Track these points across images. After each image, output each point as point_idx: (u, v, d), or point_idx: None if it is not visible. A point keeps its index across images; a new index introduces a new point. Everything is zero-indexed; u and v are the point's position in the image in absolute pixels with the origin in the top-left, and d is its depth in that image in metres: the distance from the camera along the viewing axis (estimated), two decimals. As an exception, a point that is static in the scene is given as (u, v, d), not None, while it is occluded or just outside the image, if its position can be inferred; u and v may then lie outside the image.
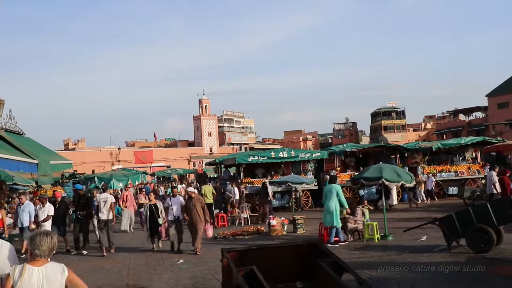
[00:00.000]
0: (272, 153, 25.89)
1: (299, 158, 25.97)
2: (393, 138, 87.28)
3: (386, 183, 12.99)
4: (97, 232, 15.16)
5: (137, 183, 27.15)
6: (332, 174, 25.67)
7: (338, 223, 13.26)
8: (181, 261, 12.22)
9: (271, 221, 16.40)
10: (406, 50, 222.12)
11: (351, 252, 12.07)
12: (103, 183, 23.84)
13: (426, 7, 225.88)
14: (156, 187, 28.74)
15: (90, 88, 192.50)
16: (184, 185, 18.98)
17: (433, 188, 25.23)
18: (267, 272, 5.94)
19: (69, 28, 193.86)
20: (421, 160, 27.73)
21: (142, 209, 17.86)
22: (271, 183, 21.36)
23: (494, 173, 17.42)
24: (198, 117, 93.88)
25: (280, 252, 6.45)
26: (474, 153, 29.83)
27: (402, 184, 13.16)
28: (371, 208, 15.19)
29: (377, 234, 13.51)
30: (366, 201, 15.81)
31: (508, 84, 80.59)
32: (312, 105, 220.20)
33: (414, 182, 13.65)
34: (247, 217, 20.38)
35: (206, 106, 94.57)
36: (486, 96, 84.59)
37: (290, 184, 19.29)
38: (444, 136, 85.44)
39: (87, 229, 15.21)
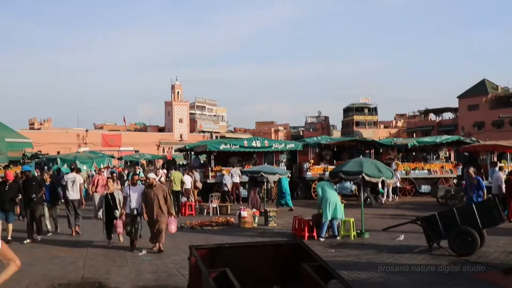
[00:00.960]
0: (245, 142, 25.07)
1: (273, 148, 25.23)
2: (365, 134, 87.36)
3: (367, 178, 12.31)
4: (47, 215, 14.32)
5: (102, 166, 25.92)
6: (306, 166, 25.18)
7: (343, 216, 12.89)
8: (143, 252, 11.30)
9: (241, 212, 15.59)
10: (381, 50, 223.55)
11: (326, 249, 11.36)
12: (72, 163, 22.66)
13: (404, 8, 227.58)
14: (122, 171, 27.58)
15: (60, 69, 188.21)
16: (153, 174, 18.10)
17: (397, 185, 24.72)
18: (242, 275, 5.13)
19: (41, 8, 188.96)
20: (396, 156, 27.33)
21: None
22: (243, 172, 20.53)
23: (501, 173, 16.88)
24: (170, 103, 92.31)
25: (257, 252, 5.64)
26: (447, 153, 29.62)
27: (382, 180, 12.49)
28: (345, 202, 14.46)
29: (353, 231, 12.84)
30: (341, 196, 15.07)
31: (479, 87, 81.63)
32: (284, 97, 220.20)
33: (395, 179, 13.01)
34: (216, 207, 19.50)
35: (178, 92, 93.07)
36: (457, 97, 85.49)
37: (263, 174, 18.50)
38: (414, 134, 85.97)
39: (39, 215, 13.64)
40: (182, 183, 19.85)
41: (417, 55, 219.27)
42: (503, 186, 15.54)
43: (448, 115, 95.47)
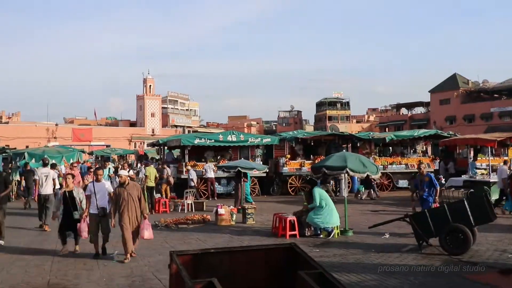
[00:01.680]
0: (220, 136, 24.33)
1: (249, 143, 24.57)
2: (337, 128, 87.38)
3: (351, 173, 11.78)
4: None
5: (72, 161, 24.87)
6: (282, 161, 24.59)
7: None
8: (116, 252, 10.48)
9: (218, 209, 14.90)
10: (353, 45, 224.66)
11: (310, 249, 10.76)
12: (45, 156, 21.60)
13: (373, 5, 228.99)
14: (93, 166, 26.53)
15: (29, 62, 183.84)
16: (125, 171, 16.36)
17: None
18: (231, 285, 4.48)
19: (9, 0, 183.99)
20: (373, 151, 26.97)
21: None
22: (219, 167, 19.79)
23: (505, 167, 16.51)
24: (142, 97, 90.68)
25: (247, 257, 4.98)
26: (424, 147, 29.43)
27: (367, 175, 11.94)
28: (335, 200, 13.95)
29: (336, 229, 12.29)
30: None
31: (450, 81, 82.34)
32: (257, 92, 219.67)
33: (379, 174, 12.49)
34: (191, 204, 18.76)
35: (150, 85, 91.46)
36: (429, 92, 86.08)
37: (240, 169, 17.82)
38: (387, 129, 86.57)
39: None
40: (156, 178, 19.06)
41: (388, 50, 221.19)
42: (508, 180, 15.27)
43: (420, 110, 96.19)
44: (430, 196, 12.51)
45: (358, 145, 26.97)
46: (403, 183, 26.34)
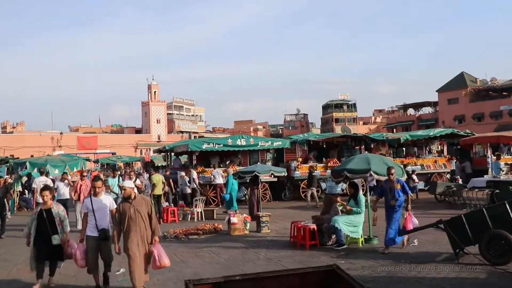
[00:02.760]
0: (229, 140, 23.40)
1: (259, 146, 23.62)
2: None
3: (376, 176, 10.80)
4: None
5: (75, 170, 24.07)
6: (294, 165, 23.66)
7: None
8: (121, 270, 9.53)
9: (231, 218, 13.98)
10: (356, 46, 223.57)
11: (334, 260, 9.81)
12: (41, 166, 20.91)
13: (377, 5, 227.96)
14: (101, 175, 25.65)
15: (33, 71, 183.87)
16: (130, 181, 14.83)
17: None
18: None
19: (13, 7, 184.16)
20: (387, 152, 26.00)
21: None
22: (235, 174, 18.79)
23: None
24: (147, 103, 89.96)
25: (279, 284, 4.05)
26: (439, 146, 28.45)
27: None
28: (345, 204, 12.96)
29: (361, 237, 11.33)
30: (339, 197, 13.51)
31: (457, 80, 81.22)
32: (262, 95, 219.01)
33: (405, 176, 11.52)
34: (201, 212, 17.84)
35: (155, 92, 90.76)
36: (436, 91, 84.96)
37: (257, 173, 16.90)
38: (394, 130, 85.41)
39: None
40: (164, 185, 18.19)
41: (392, 51, 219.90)
42: None
43: (427, 110, 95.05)
44: (398, 206, 10.54)
45: (372, 146, 25.97)
46: (419, 185, 25.30)
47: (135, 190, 9.24)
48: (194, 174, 20.97)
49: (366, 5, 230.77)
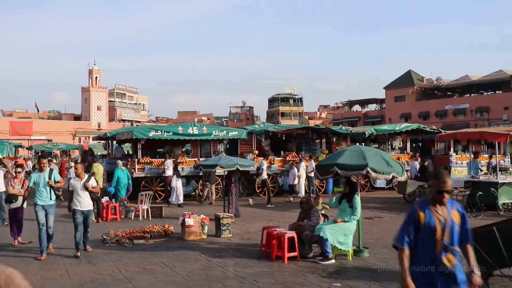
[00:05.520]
0: (180, 128, 20.85)
1: (212, 136, 21.22)
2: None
3: (373, 174, 8.76)
4: None
5: (0, 156, 20.96)
6: (249, 158, 21.45)
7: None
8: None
9: (186, 219, 11.60)
10: (303, 44, 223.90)
11: (325, 280, 7.68)
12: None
13: (325, 4, 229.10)
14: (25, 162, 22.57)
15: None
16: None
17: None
18: None
19: None
20: (349, 147, 24.21)
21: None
22: (201, 166, 16.37)
23: None
24: (87, 89, 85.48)
25: None
26: (401, 143, 27.03)
27: (393, 177, 8.95)
28: (327, 207, 10.90)
29: (351, 248, 9.24)
30: (320, 198, 11.41)
31: (405, 78, 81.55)
32: (207, 88, 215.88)
33: (405, 176, 9.54)
34: (147, 209, 15.35)
35: (96, 77, 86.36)
36: (384, 88, 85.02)
37: (239, 167, 14.68)
38: (341, 125, 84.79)
39: None
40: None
41: (338, 48, 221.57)
42: None
43: (373, 107, 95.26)
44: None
45: (334, 140, 24.15)
46: (380, 183, 23.73)
47: None
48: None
49: (315, 2, 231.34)
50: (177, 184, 18.24)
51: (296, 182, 19.92)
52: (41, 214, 9.56)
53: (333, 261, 8.82)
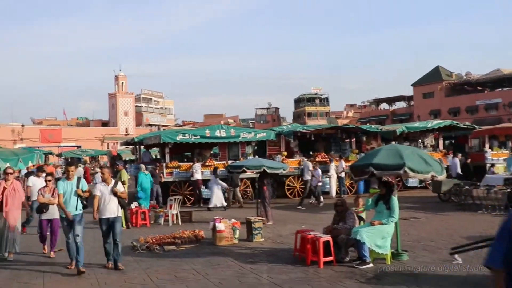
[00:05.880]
0: (207, 131, 20.66)
1: (240, 138, 20.96)
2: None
3: (411, 174, 8.35)
4: None
5: (30, 164, 21.03)
6: (278, 160, 21.12)
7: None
8: None
9: (216, 224, 11.35)
10: (328, 41, 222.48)
11: (364, 287, 7.31)
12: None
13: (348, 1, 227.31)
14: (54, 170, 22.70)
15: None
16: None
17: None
18: None
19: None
20: (379, 145, 23.65)
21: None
22: (232, 167, 16.09)
23: None
24: (114, 95, 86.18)
25: None
26: (434, 140, 26.36)
27: (432, 176, 8.52)
28: (359, 209, 10.47)
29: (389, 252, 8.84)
30: (360, 199, 10.88)
31: (433, 74, 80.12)
32: (232, 91, 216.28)
33: (445, 174, 9.08)
34: (177, 214, 15.15)
35: (122, 83, 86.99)
36: (411, 85, 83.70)
37: (266, 169, 14.41)
38: (368, 124, 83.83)
39: None
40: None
41: (363, 45, 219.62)
42: None
43: (401, 104, 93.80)
44: None
45: (364, 139, 23.64)
46: (413, 181, 23.10)
47: None
48: None
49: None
50: (216, 187, 18.06)
51: (319, 183, 19.51)
52: (67, 226, 9.07)
53: (371, 265, 8.43)
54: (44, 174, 12.14)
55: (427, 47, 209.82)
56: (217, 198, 17.82)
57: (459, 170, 21.51)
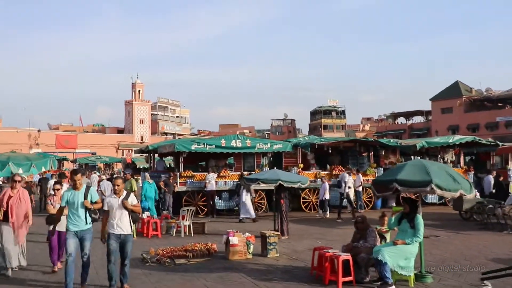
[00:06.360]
0: (223, 140, 20.24)
1: (256, 149, 20.53)
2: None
3: (439, 191, 7.84)
4: None
5: (43, 170, 20.78)
6: (294, 172, 20.63)
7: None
8: None
9: (230, 237, 10.90)
10: (343, 54, 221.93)
11: (387, 311, 6.81)
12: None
13: (364, 12, 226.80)
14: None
15: (13, 68, 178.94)
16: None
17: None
18: None
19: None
20: (398, 160, 23.08)
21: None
22: (247, 179, 15.51)
23: None
24: (130, 102, 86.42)
25: None
26: (454, 156, 25.67)
27: (460, 194, 8.00)
28: (384, 227, 9.95)
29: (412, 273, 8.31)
30: (386, 217, 10.24)
31: (452, 89, 79.13)
32: (248, 101, 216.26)
33: (474, 192, 8.55)
34: (189, 225, 14.72)
35: (139, 91, 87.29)
36: (430, 100, 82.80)
37: (281, 183, 13.93)
38: (385, 138, 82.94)
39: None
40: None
41: (380, 58, 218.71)
42: None
43: (418, 119, 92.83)
44: None
45: (383, 153, 23.06)
46: (432, 198, 22.47)
47: None
48: None
49: (355, 10, 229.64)
50: (246, 198, 17.69)
51: (327, 197, 19.03)
52: (71, 242, 7.79)
53: (393, 287, 7.91)
54: (66, 180, 11.55)
55: (444, 61, 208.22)
56: (247, 208, 17.50)
57: (491, 189, 20.64)
